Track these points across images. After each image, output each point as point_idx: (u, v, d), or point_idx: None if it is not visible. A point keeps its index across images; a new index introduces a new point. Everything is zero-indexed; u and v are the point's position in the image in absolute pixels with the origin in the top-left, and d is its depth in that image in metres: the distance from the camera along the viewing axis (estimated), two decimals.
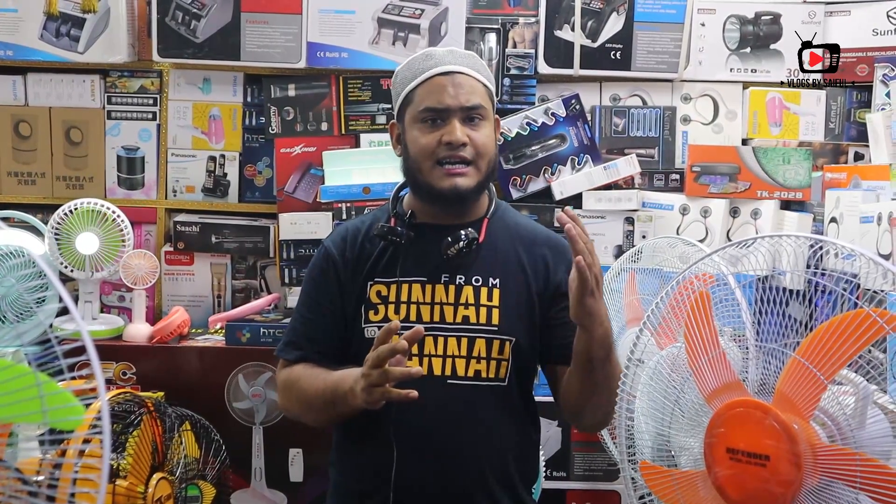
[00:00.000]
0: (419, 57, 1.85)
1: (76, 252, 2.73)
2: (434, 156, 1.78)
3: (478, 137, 1.79)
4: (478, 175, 1.80)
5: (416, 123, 1.82)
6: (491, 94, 1.86)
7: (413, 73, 1.83)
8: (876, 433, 1.44)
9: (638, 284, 2.51)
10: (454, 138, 1.76)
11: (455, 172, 1.78)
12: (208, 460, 2.52)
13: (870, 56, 2.91)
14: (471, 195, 1.82)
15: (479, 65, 1.86)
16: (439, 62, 1.81)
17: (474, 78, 1.82)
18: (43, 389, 1.22)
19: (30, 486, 1.38)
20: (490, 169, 1.84)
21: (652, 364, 1.87)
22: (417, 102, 1.81)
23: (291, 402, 1.88)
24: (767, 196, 2.83)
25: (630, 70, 2.96)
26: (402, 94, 1.85)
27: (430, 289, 1.82)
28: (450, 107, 1.78)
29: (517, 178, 2.91)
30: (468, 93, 1.79)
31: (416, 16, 2.87)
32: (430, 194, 1.83)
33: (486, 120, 1.82)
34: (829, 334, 1.41)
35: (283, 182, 2.95)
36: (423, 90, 1.81)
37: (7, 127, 2.99)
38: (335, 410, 1.77)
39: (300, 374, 1.85)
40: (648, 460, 1.79)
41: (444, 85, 1.79)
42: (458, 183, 1.78)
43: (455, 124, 1.77)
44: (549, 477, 2.82)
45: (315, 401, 1.80)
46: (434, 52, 1.85)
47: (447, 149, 1.77)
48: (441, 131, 1.78)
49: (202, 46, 2.90)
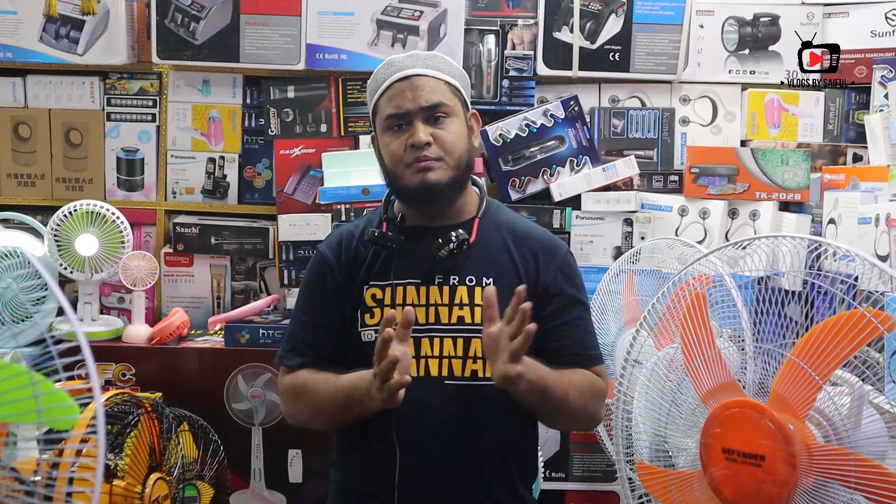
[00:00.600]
0: (382, 67, 1.88)
1: (76, 253, 2.74)
2: (403, 160, 1.80)
3: (443, 135, 1.80)
4: (449, 170, 1.81)
5: (385, 132, 1.84)
6: (457, 90, 1.86)
7: (377, 83, 1.86)
8: (871, 433, 1.44)
9: (636, 285, 2.52)
10: (416, 139, 1.78)
11: (423, 167, 1.79)
12: (206, 461, 2.52)
13: (868, 58, 2.91)
14: (445, 189, 1.82)
15: (441, 64, 1.86)
16: (398, 68, 1.83)
17: (434, 77, 1.83)
18: (38, 389, 1.23)
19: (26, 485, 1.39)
20: (464, 163, 1.84)
21: (649, 365, 1.87)
22: (381, 111, 1.84)
23: (299, 409, 1.88)
24: (766, 197, 2.83)
25: (629, 71, 2.96)
26: (371, 106, 1.89)
27: (424, 290, 1.83)
28: (409, 110, 1.80)
29: (516, 179, 2.91)
30: (428, 93, 1.80)
31: (415, 17, 2.87)
32: (408, 195, 1.84)
33: (452, 116, 1.83)
34: (824, 335, 1.42)
35: (283, 184, 2.96)
36: (384, 99, 1.83)
37: (7, 129, 2.99)
38: (351, 413, 1.77)
39: (307, 380, 1.85)
40: (646, 461, 1.80)
41: (402, 90, 1.81)
42: (429, 177, 1.79)
43: (417, 126, 1.79)
44: (547, 478, 2.82)
45: (328, 406, 1.80)
46: (394, 60, 1.87)
47: (413, 151, 1.79)
48: (406, 135, 1.80)
49: (201, 48, 2.90)
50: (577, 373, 1.81)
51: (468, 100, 1.90)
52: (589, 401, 1.81)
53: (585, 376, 1.82)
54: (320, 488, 2.70)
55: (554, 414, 1.81)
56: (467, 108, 1.89)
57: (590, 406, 1.81)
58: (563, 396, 1.75)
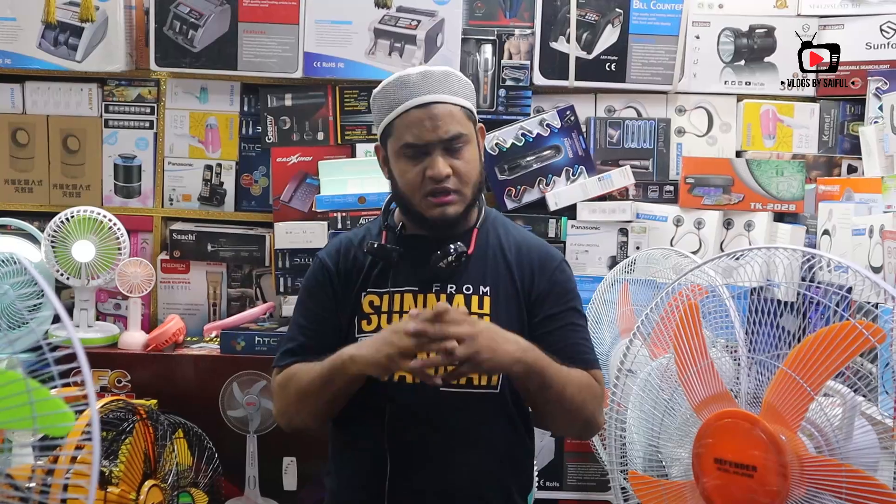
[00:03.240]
0: (394, 84, 1.84)
1: (72, 260, 2.74)
2: (421, 190, 1.80)
3: (460, 166, 1.80)
4: (464, 200, 1.83)
5: (400, 157, 1.83)
6: (470, 112, 1.86)
7: (390, 102, 1.83)
8: (863, 444, 1.45)
9: (631, 295, 2.52)
10: (436, 173, 1.78)
11: (442, 202, 1.80)
12: (201, 468, 2.52)
13: (863, 69, 2.92)
14: (460, 220, 1.85)
15: (455, 85, 1.84)
16: (413, 92, 1.80)
17: (451, 104, 1.81)
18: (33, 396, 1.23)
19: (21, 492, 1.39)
20: (476, 190, 1.86)
21: (643, 375, 1.88)
22: (397, 136, 1.82)
23: (288, 401, 1.87)
24: (761, 208, 2.84)
25: (625, 82, 2.98)
26: (381, 124, 1.86)
27: (421, 298, 1.83)
28: (429, 142, 1.79)
29: (512, 188, 2.92)
30: (447, 123, 1.79)
31: (412, 27, 2.88)
32: (420, 221, 1.86)
33: (468, 144, 1.82)
34: (816, 346, 1.42)
35: (279, 191, 2.97)
36: (400, 124, 1.81)
37: (5, 135, 3.00)
38: (333, 387, 1.77)
39: (296, 370, 1.85)
40: (639, 470, 1.80)
41: (421, 119, 1.79)
42: (447, 211, 1.81)
43: (437, 159, 1.78)
44: (542, 487, 2.83)
45: (312, 385, 1.80)
46: (408, 80, 1.82)
47: (431, 182, 1.79)
48: (423, 164, 1.80)
49: (199, 56, 2.91)
50: (577, 370, 1.81)
51: (476, 118, 1.89)
52: (588, 399, 1.79)
53: (584, 375, 1.82)
54: (315, 496, 2.70)
55: (552, 405, 1.79)
56: (476, 124, 1.89)
57: (588, 405, 1.80)
58: (562, 387, 1.75)
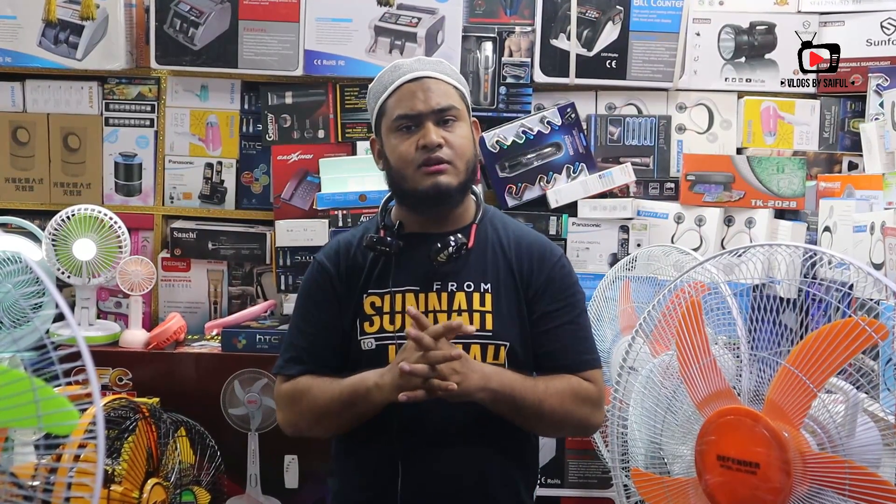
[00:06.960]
0: (388, 69, 1.89)
1: (73, 258, 2.74)
2: (414, 161, 1.81)
3: (453, 138, 1.82)
4: (457, 174, 1.82)
5: (392, 133, 1.84)
6: (463, 96, 1.88)
7: (383, 84, 1.87)
8: (865, 441, 1.45)
9: (633, 293, 2.52)
10: (429, 140, 1.79)
11: (435, 170, 1.80)
12: (203, 466, 2.52)
13: (864, 66, 2.92)
14: (454, 194, 1.83)
15: (448, 69, 1.89)
16: (407, 70, 1.85)
17: (444, 81, 1.85)
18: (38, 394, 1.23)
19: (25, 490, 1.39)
20: (470, 169, 1.86)
21: (645, 372, 1.88)
22: (390, 112, 1.84)
23: (300, 415, 1.86)
24: (762, 205, 2.84)
25: (625, 79, 2.97)
26: (375, 108, 1.89)
27: (422, 297, 1.84)
28: (422, 111, 1.81)
29: (513, 186, 2.92)
30: (439, 96, 1.82)
31: (412, 24, 2.88)
32: (415, 198, 1.84)
33: (460, 121, 1.85)
34: (818, 343, 1.43)
35: (280, 189, 2.96)
36: (394, 100, 1.84)
37: (5, 133, 3.00)
38: (354, 411, 1.78)
39: (309, 385, 1.84)
40: (641, 468, 1.80)
41: (413, 91, 1.82)
42: (440, 180, 1.80)
43: (429, 127, 1.80)
44: (543, 484, 2.83)
45: (331, 406, 1.80)
46: (401, 63, 1.88)
47: (424, 152, 1.80)
48: (417, 136, 1.81)
49: (200, 54, 2.91)
50: (560, 379, 1.82)
51: (470, 108, 1.91)
52: (574, 407, 1.80)
53: (570, 382, 1.82)
54: (316, 494, 2.70)
55: (532, 422, 1.82)
56: (470, 115, 1.91)
57: (576, 412, 1.81)
58: (538, 404, 1.77)
